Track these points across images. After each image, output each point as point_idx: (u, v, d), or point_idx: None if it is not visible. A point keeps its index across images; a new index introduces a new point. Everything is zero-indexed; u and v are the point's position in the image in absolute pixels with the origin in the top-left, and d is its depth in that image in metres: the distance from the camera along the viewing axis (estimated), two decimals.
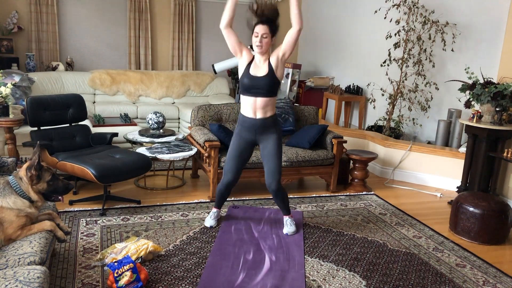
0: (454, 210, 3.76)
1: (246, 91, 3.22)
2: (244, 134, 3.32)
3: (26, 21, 6.47)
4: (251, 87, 3.19)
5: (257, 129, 3.27)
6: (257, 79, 3.17)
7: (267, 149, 3.31)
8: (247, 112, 3.26)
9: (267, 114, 3.25)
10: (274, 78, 3.18)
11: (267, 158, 3.32)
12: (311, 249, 3.28)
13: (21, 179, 2.43)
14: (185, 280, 2.75)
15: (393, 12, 5.51)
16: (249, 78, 3.18)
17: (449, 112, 5.33)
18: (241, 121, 3.33)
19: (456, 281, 2.95)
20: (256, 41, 3.15)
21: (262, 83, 3.16)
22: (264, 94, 3.19)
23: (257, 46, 3.16)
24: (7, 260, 2.12)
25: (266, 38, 3.14)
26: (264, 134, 3.29)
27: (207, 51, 7.65)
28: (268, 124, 3.27)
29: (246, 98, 3.24)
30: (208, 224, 3.55)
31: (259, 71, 3.19)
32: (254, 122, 3.25)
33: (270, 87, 3.19)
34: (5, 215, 2.31)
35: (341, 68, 7.16)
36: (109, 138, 4.25)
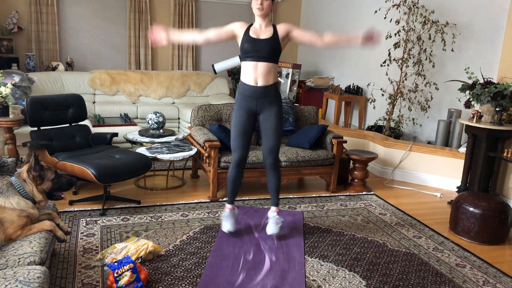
0: (454, 210, 3.76)
1: (247, 55, 3.08)
2: (245, 104, 3.17)
3: (26, 21, 6.47)
4: (252, 49, 3.05)
5: (258, 97, 3.13)
6: (259, 42, 3.05)
7: (268, 122, 3.18)
8: (248, 79, 3.12)
9: (269, 82, 3.12)
10: (277, 42, 3.07)
11: (267, 132, 3.20)
12: (311, 249, 3.28)
13: (24, 181, 2.45)
14: (185, 280, 2.75)
15: (393, 12, 5.51)
16: (250, 41, 3.05)
17: (449, 112, 5.33)
18: (241, 89, 3.17)
19: (456, 281, 2.95)
20: (256, 4, 3.04)
21: (264, 46, 3.05)
22: (266, 58, 3.06)
23: (257, 9, 3.05)
24: (7, 260, 2.12)
25: (267, 1, 3.03)
26: (265, 105, 3.16)
27: (207, 51, 7.65)
28: (270, 93, 3.14)
29: (247, 64, 3.11)
30: (226, 229, 3.36)
31: (262, 33, 3.09)
32: (256, 90, 3.11)
33: (273, 51, 3.07)
34: (6, 215, 2.31)
35: (341, 68, 7.16)
36: (109, 138, 4.25)
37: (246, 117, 3.19)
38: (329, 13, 7.38)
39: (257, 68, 3.08)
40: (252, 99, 3.15)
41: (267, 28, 3.12)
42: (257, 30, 3.11)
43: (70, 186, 2.66)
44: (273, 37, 3.08)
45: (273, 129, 3.19)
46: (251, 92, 3.13)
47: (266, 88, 3.12)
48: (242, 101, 3.18)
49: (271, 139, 3.21)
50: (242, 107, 3.19)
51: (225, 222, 3.40)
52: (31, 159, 2.45)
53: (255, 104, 3.16)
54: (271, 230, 3.34)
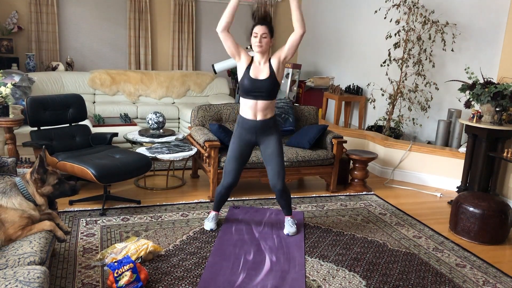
0: (454, 210, 3.76)
1: (246, 94, 3.22)
2: (244, 136, 3.31)
3: (26, 21, 6.47)
4: (252, 90, 3.18)
5: (258, 130, 3.27)
6: (258, 82, 3.17)
7: (269, 149, 3.31)
8: (247, 114, 3.25)
9: (268, 116, 3.26)
10: (275, 81, 3.19)
11: (270, 158, 3.32)
12: (311, 249, 3.28)
13: (27, 182, 2.46)
14: (185, 280, 2.75)
15: (393, 12, 5.51)
16: (250, 81, 3.18)
17: (449, 112, 5.33)
18: (240, 123, 3.31)
19: (456, 281, 2.95)
20: (255, 41, 3.16)
21: (263, 86, 3.17)
22: (265, 97, 3.19)
23: (257, 46, 3.16)
24: (7, 260, 2.12)
25: (266, 38, 3.15)
26: (264, 135, 3.29)
27: (207, 51, 7.66)
28: (269, 126, 3.28)
29: (246, 101, 3.23)
30: (208, 227, 3.50)
31: (260, 73, 3.19)
32: (255, 124, 3.25)
33: (271, 90, 3.20)
34: (8, 216, 2.32)
35: (341, 68, 7.16)
36: (109, 138, 4.25)
37: (244, 145, 3.34)
38: (329, 13, 7.38)
39: (256, 105, 3.22)
40: (252, 132, 3.29)
41: (265, 64, 3.22)
42: (256, 69, 3.21)
43: (73, 193, 2.64)
44: (270, 76, 3.19)
45: (275, 155, 3.32)
46: (251, 126, 3.27)
47: (264, 122, 3.26)
48: (241, 132, 3.32)
49: (275, 164, 3.33)
50: (241, 137, 3.33)
51: (208, 222, 3.54)
52: (36, 161, 2.46)
53: (255, 136, 3.31)
54: (286, 230, 3.51)
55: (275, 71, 3.19)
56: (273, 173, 3.33)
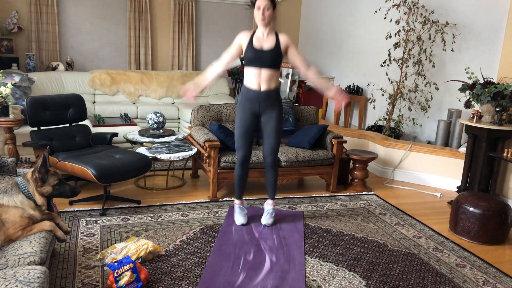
0: (454, 210, 3.76)
1: (250, 63, 3.24)
2: (248, 106, 3.33)
3: (26, 21, 6.47)
4: (256, 59, 3.21)
5: (261, 101, 3.30)
6: (262, 52, 3.21)
7: (269, 124, 3.36)
8: (251, 84, 3.28)
9: (272, 86, 3.29)
10: (279, 52, 3.23)
11: (268, 134, 3.39)
12: (311, 249, 3.28)
13: (28, 181, 2.47)
14: (185, 280, 2.75)
15: (393, 12, 5.51)
16: (253, 51, 3.21)
17: (449, 112, 5.33)
18: (244, 93, 3.34)
19: (456, 281, 2.95)
20: (259, 14, 3.17)
21: (267, 56, 3.21)
22: (269, 66, 3.22)
23: (260, 20, 3.18)
24: (7, 260, 2.12)
25: (269, 10, 3.17)
26: (267, 108, 3.32)
27: (207, 51, 7.65)
28: (272, 97, 3.31)
29: (250, 70, 3.27)
30: (239, 222, 3.57)
31: (265, 43, 3.23)
32: (259, 94, 3.28)
33: (275, 60, 3.24)
34: (9, 216, 2.32)
35: (341, 68, 7.16)
36: (109, 138, 4.25)
37: (249, 118, 3.36)
38: (329, 13, 7.38)
39: (260, 74, 3.25)
40: (255, 102, 3.31)
41: (269, 36, 3.26)
42: (260, 39, 3.25)
43: (73, 194, 2.64)
44: (275, 47, 3.23)
45: (274, 131, 3.38)
46: (254, 96, 3.30)
47: (268, 92, 3.29)
48: (245, 103, 3.35)
49: (272, 140, 3.40)
50: (245, 109, 3.35)
51: (238, 216, 3.61)
52: (39, 161, 2.47)
53: (258, 106, 3.32)
54: (264, 221, 3.58)
55: (281, 45, 3.23)
56: (268, 148, 3.43)
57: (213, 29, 7.57)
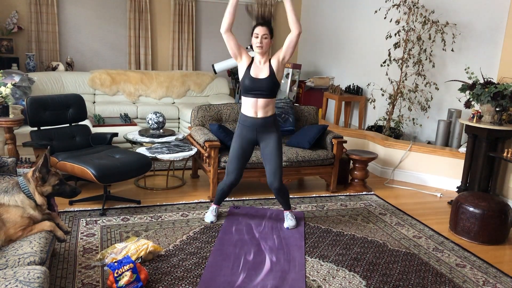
0: (454, 210, 3.76)
1: (247, 92, 3.31)
2: (246, 134, 3.39)
3: (26, 21, 6.47)
4: (252, 88, 3.28)
5: (258, 128, 3.35)
6: (259, 81, 3.26)
7: (268, 148, 3.39)
8: (248, 112, 3.34)
9: (268, 114, 3.34)
10: (274, 80, 3.28)
11: (269, 157, 3.41)
12: (311, 249, 3.28)
13: (28, 180, 2.48)
14: (185, 280, 2.75)
15: (393, 12, 5.51)
16: (251, 80, 3.27)
17: (449, 112, 5.33)
18: (242, 120, 3.40)
19: (456, 281, 2.95)
20: (256, 42, 3.24)
21: (263, 85, 3.26)
22: (265, 95, 3.28)
23: (257, 47, 3.25)
24: (7, 260, 2.12)
25: (266, 39, 3.24)
26: (265, 133, 3.37)
27: (207, 51, 7.65)
28: (269, 123, 3.36)
29: (247, 99, 3.33)
30: (209, 220, 3.63)
31: (260, 72, 3.28)
32: (256, 121, 3.33)
33: (271, 88, 3.29)
34: (10, 215, 2.33)
35: (341, 68, 7.16)
36: (109, 138, 4.25)
37: (245, 143, 3.42)
38: (329, 13, 7.38)
39: (257, 103, 3.31)
40: (253, 130, 3.37)
41: (265, 64, 3.31)
42: (256, 68, 3.30)
43: (73, 195, 2.65)
44: (270, 76, 3.27)
45: (273, 154, 3.40)
46: (251, 123, 3.35)
47: (265, 119, 3.35)
48: (242, 130, 3.40)
49: (273, 163, 3.42)
50: (242, 136, 3.41)
51: (209, 215, 3.67)
52: (41, 160, 2.48)
53: (255, 134, 3.38)
54: (286, 224, 3.61)
55: (274, 71, 3.28)
56: (270, 172, 3.43)
57: (213, 29, 7.56)
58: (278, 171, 3.41)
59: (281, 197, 3.57)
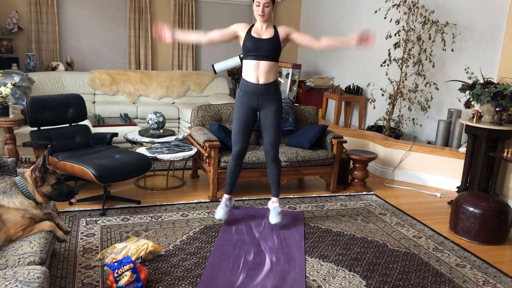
0: (454, 210, 3.76)
1: (249, 54, 3.24)
2: (246, 101, 3.32)
3: (26, 21, 6.47)
4: (255, 48, 3.21)
5: (260, 95, 3.29)
6: (261, 41, 3.22)
7: (268, 119, 3.35)
8: (250, 77, 3.28)
9: (270, 80, 3.28)
10: (278, 42, 3.24)
11: (268, 128, 3.37)
12: (311, 249, 3.28)
13: (26, 180, 2.47)
14: (185, 280, 2.75)
15: (393, 12, 5.51)
16: (252, 40, 3.22)
17: (449, 112, 5.33)
18: (243, 86, 3.34)
19: (456, 281, 2.95)
20: (258, 10, 3.20)
21: (266, 46, 3.21)
22: (267, 57, 3.22)
23: (259, 15, 3.21)
24: (7, 260, 2.12)
25: (268, 7, 3.20)
26: (266, 102, 3.31)
27: (207, 51, 7.65)
28: (270, 90, 3.30)
29: (248, 62, 3.27)
30: (219, 217, 3.48)
31: (263, 34, 3.25)
32: (257, 87, 3.27)
33: (274, 50, 3.23)
34: (10, 216, 2.32)
35: (341, 68, 7.15)
36: (109, 138, 4.25)
37: (248, 113, 3.35)
38: (329, 13, 7.38)
39: (258, 66, 3.24)
40: (253, 96, 3.30)
41: (268, 29, 3.28)
42: (258, 30, 3.27)
43: (70, 195, 2.64)
44: (274, 37, 3.24)
45: (273, 125, 3.36)
46: (252, 89, 3.28)
47: (266, 86, 3.28)
48: (243, 97, 3.33)
49: (271, 135, 3.38)
50: (244, 104, 3.34)
51: (219, 210, 3.51)
52: (39, 160, 2.47)
53: (256, 101, 3.31)
54: (274, 220, 3.51)
55: (279, 35, 3.24)
56: (267, 143, 3.41)
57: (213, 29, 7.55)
58: (276, 141, 3.40)
59: (274, 171, 3.48)
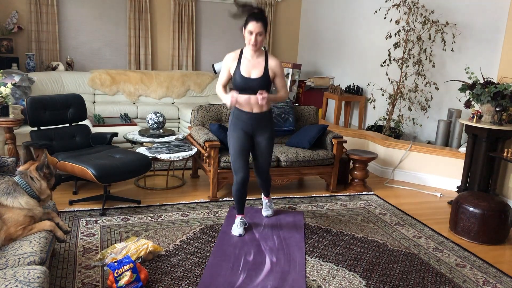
0: (454, 210, 3.76)
1: (240, 91, 3.16)
2: (240, 126, 3.25)
3: (26, 21, 6.47)
4: (244, 87, 3.15)
5: (254, 122, 3.24)
6: (251, 81, 3.13)
7: (260, 146, 3.34)
8: (243, 107, 3.21)
9: (264, 109, 3.23)
10: (268, 79, 3.16)
11: (259, 155, 3.39)
12: (311, 249, 3.28)
13: (32, 179, 2.50)
14: (185, 280, 2.75)
15: (393, 12, 5.51)
16: (242, 80, 3.14)
17: (449, 112, 5.33)
18: (236, 114, 3.25)
19: (456, 281, 2.95)
20: (250, 39, 3.06)
21: (255, 84, 3.13)
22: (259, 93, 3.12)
23: (252, 45, 3.08)
24: (7, 260, 2.12)
25: (261, 36, 3.06)
26: (259, 129, 3.27)
27: (207, 51, 7.65)
28: (264, 119, 3.26)
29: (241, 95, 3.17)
30: (237, 233, 3.40)
31: (253, 70, 3.14)
32: (251, 116, 3.22)
33: (264, 87, 3.15)
34: (12, 215, 2.33)
35: (341, 68, 7.15)
36: (109, 138, 4.25)
37: (243, 136, 3.28)
38: (329, 13, 7.38)
39: (250, 99, 3.16)
40: (248, 124, 3.25)
41: (258, 59, 3.17)
42: (248, 65, 3.15)
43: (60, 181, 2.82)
44: (263, 75, 3.14)
45: (264, 153, 3.39)
46: (246, 118, 3.24)
47: (261, 114, 3.24)
48: (237, 123, 3.26)
49: (263, 160, 3.42)
50: (238, 128, 3.27)
51: (237, 228, 3.44)
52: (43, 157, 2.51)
53: (251, 128, 3.27)
54: (265, 212, 3.73)
55: (269, 72, 3.15)
56: (259, 167, 3.46)
57: (213, 29, 7.56)
58: (265, 169, 3.46)
59: (264, 183, 3.61)
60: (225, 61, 3.24)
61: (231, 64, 3.20)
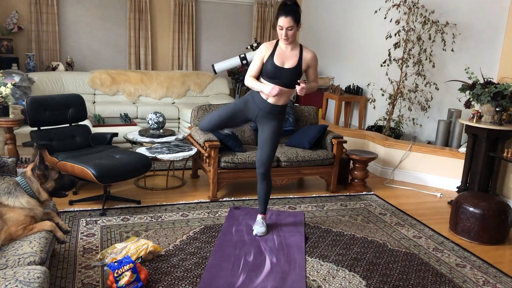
0: (454, 210, 3.76)
1: (268, 78, 3.13)
2: (248, 108, 3.22)
3: (26, 21, 6.47)
4: (274, 76, 3.10)
5: (262, 109, 3.19)
6: (283, 71, 3.09)
7: (264, 135, 3.28)
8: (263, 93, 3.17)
9: (279, 102, 3.18)
10: (300, 71, 3.13)
11: (262, 144, 3.31)
12: (311, 249, 3.28)
13: (30, 179, 2.50)
14: (185, 280, 2.75)
15: (393, 12, 5.51)
16: (274, 68, 3.08)
17: (449, 112, 5.33)
18: (254, 94, 3.21)
19: (456, 281, 2.95)
20: (281, 34, 3.04)
21: (286, 75, 3.10)
22: (284, 85, 3.11)
23: (283, 40, 3.06)
24: (7, 260, 2.12)
25: (292, 30, 3.02)
26: (265, 119, 3.23)
27: (207, 51, 7.65)
28: (276, 111, 3.20)
29: (265, 82, 3.15)
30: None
31: (286, 61, 3.11)
32: (264, 103, 3.16)
33: (294, 79, 3.13)
34: (13, 214, 2.34)
35: (341, 68, 7.15)
36: (109, 138, 4.25)
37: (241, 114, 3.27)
38: (329, 13, 7.38)
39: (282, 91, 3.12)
40: (256, 108, 3.21)
41: (293, 51, 3.14)
42: (282, 54, 3.12)
43: (72, 186, 2.73)
44: (296, 66, 3.12)
45: (267, 142, 3.28)
46: (259, 103, 3.19)
47: (274, 106, 3.19)
48: (247, 103, 3.24)
49: (263, 151, 3.31)
50: (243, 106, 3.25)
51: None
52: (36, 158, 2.49)
53: (256, 113, 3.23)
54: (255, 231, 3.46)
55: (302, 64, 3.14)
56: (258, 159, 3.35)
57: (213, 29, 7.57)
58: (267, 160, 3.31)
59: (263, 187, 3.43)
60: (260, 50, 3.19)
61: (266, 52, 3.14)
